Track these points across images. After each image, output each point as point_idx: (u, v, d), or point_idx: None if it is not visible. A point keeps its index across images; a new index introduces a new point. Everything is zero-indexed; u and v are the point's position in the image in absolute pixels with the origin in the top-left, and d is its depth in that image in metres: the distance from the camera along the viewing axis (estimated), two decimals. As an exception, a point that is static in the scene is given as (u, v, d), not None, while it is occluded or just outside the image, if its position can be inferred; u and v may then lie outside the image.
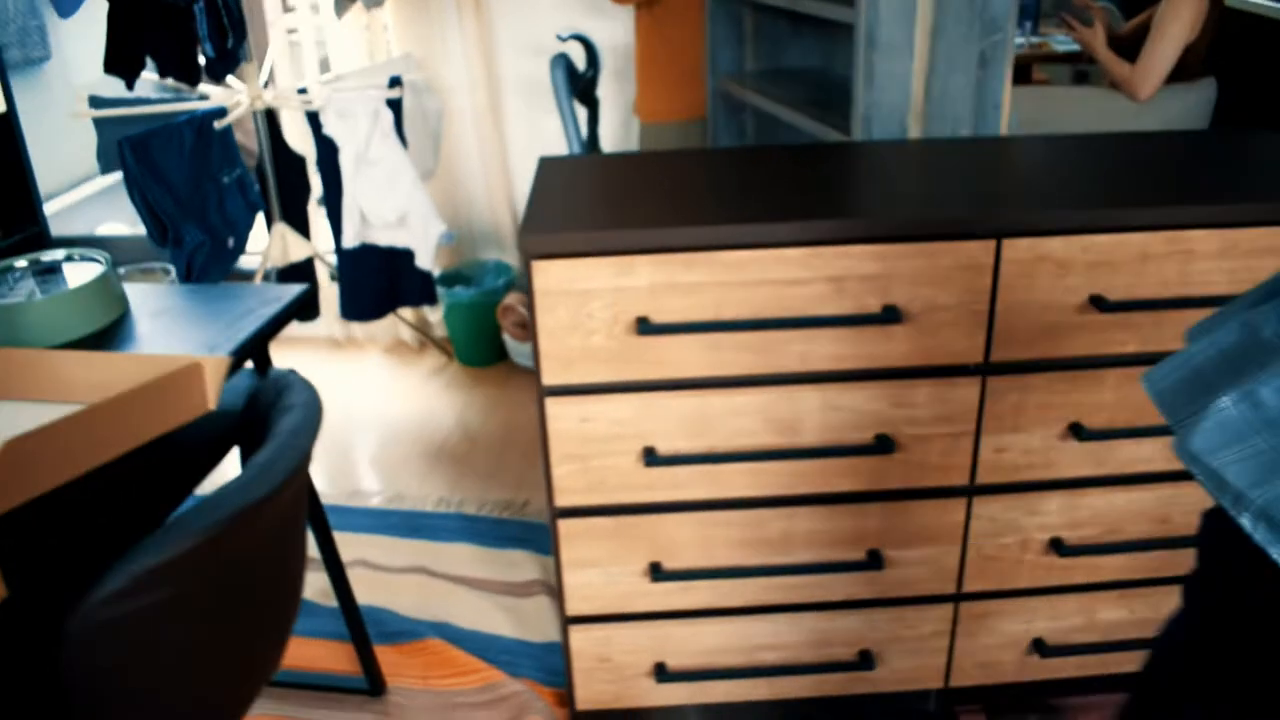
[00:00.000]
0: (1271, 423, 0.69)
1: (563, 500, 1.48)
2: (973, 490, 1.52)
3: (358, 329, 3.26)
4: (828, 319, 1.37)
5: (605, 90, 2.87)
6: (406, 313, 3.12)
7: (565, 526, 1.50)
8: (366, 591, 1.96)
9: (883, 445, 1.45)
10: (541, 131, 3.05)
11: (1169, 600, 1.63)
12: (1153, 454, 1.52)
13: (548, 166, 1.64)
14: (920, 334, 1.40)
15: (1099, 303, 1.38)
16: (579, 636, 1.60)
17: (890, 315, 1.36)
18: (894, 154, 1.73)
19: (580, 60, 2.61)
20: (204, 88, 2.70)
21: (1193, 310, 1.40)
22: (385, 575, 2.07)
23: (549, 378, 1.41)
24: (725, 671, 1.63)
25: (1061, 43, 3.58)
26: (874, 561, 1.53)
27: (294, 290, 1.55)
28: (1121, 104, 2.49)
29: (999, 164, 1.67)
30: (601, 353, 1.39)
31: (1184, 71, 2.47)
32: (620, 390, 1.42)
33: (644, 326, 1.35)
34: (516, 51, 3.03)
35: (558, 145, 2.74)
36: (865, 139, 1.82)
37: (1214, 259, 1.39)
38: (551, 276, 1.35)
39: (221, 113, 2.64)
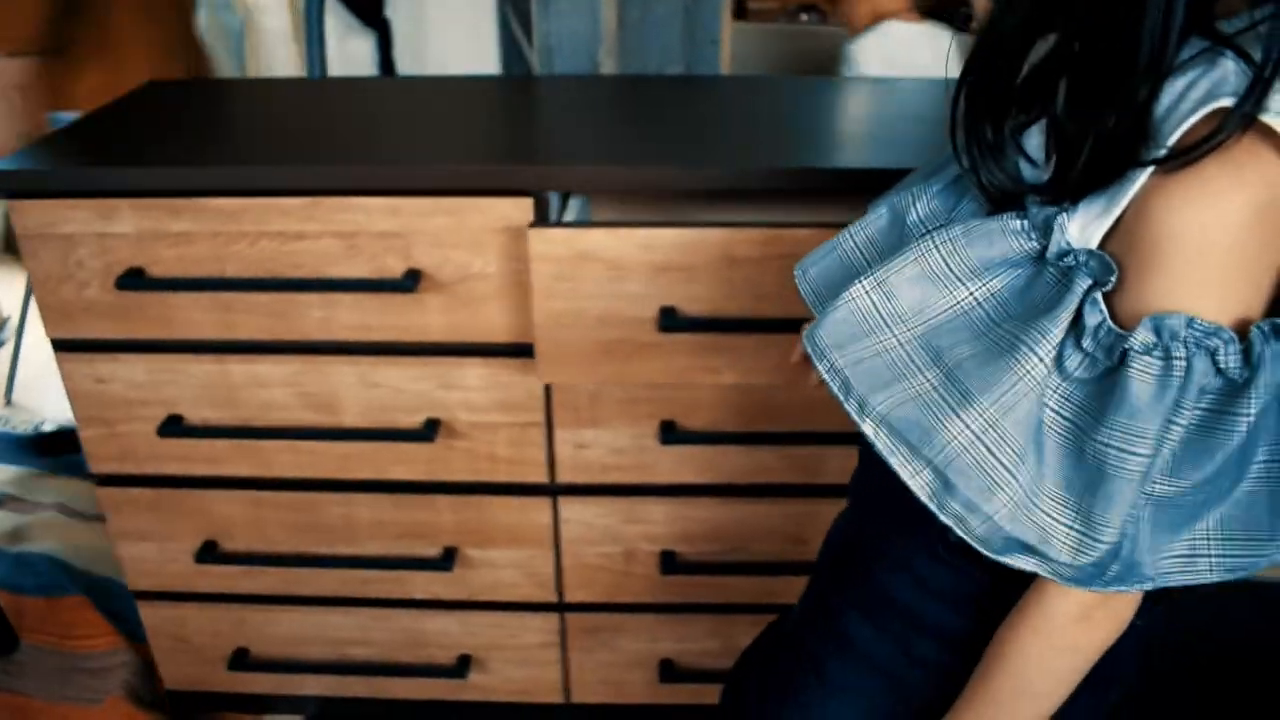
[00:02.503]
0: (901, 317, 0.64)
1: (97, 467, 1.33)
2: (555, 490, 1.31)
3: None
4: (342, 282, 1.18)
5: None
6: None
7: (105, 495, 1.36)
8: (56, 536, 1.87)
9: (432, 430, 1.25)
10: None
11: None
12: (773, 463, 1.28)
13: (147, 93, 1.46)
14: (459, 306, 1.19)
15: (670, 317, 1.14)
16: (150, 612, 1.46)
17: (411, 281, 1.15)
18: (518, 92, 1.49)
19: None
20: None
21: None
22: (74, 520, 1.96)
23: (54, 330, 1.25)
24: (311, 665, 1.47)
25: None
26: (447, 560, 1.34)
27: None
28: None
29: (633, 108, 1.40)
30: (101, 306, 1.22)
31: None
32: (130, 350, 1.25)
33: (130, 280, 1.18)
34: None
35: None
36: (546, 73, 1.58)
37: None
38: (30, 217, 1.18)
39: None
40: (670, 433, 1.24)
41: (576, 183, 1.13)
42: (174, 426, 1.27)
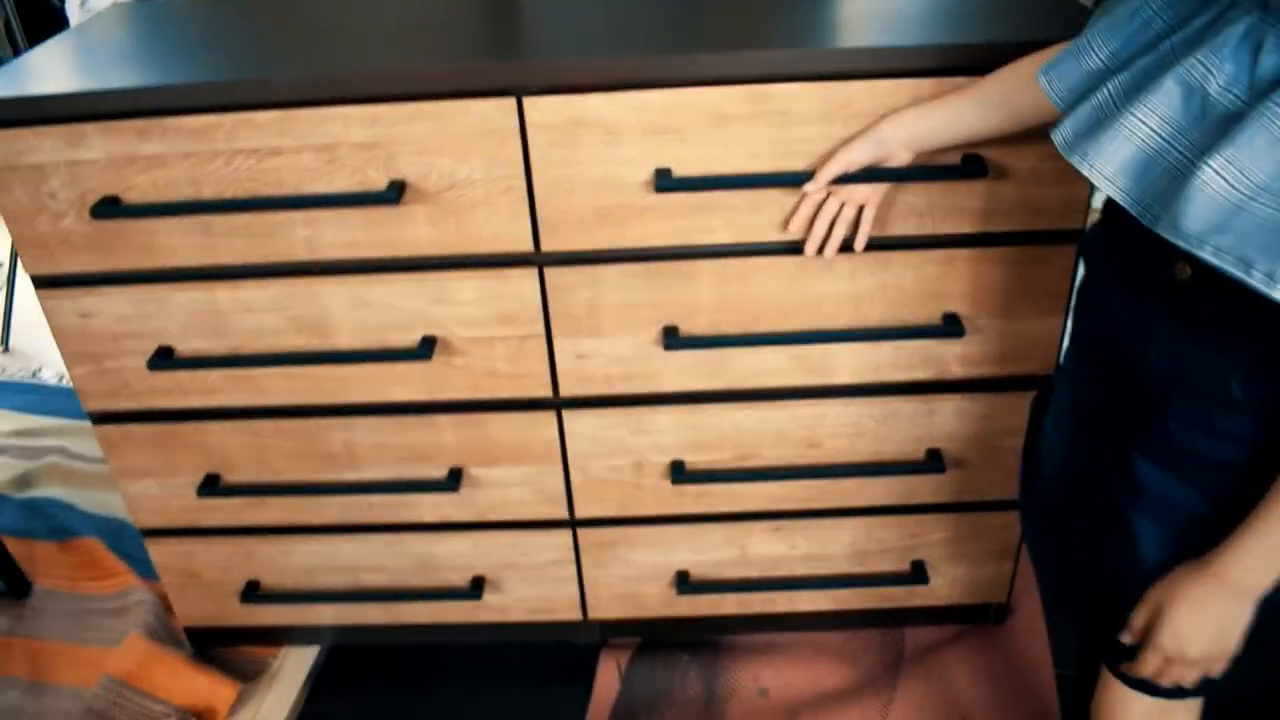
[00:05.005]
0: (1263, 187, 0.64)
1: (90, 404, 1.31)
2: (559, 404, 1.28)
3: None
4: (324, 198, 1.13)
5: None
6: None
7: (102, 433, 1.33)
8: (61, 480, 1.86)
9: (428, 347, 1.21)
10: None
11: (833, 534, 1.38)
12: (780, 365, 1.24)
13: (109, 14, 1.40)
14: (445, 216, 1.14)
15: (664, 180, 1.10)
16: (158, 550, 1.44)
17: (394, 193, 1.11)
18: None
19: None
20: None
21: (792, 191, 1.10)
22: (77, 464, 1.94)
23: (33, 267, 1.21)
24: (325, 594, 1.46)
25: None
26: (453, 481, 1.31)
27: None
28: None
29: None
30: (78, 238, 1.18)
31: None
32: (113, 282, 1.21)
33: (106, 208, 1.14)
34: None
35: None
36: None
37: (816, 122, 1.08)
38: (-3, 148, 1.13)
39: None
40: (673, 338, 1.20)
41: (563, 79, 1.07)
42: (164, 358, 1.24)
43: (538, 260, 1.17)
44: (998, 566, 1.42)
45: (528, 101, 1.07)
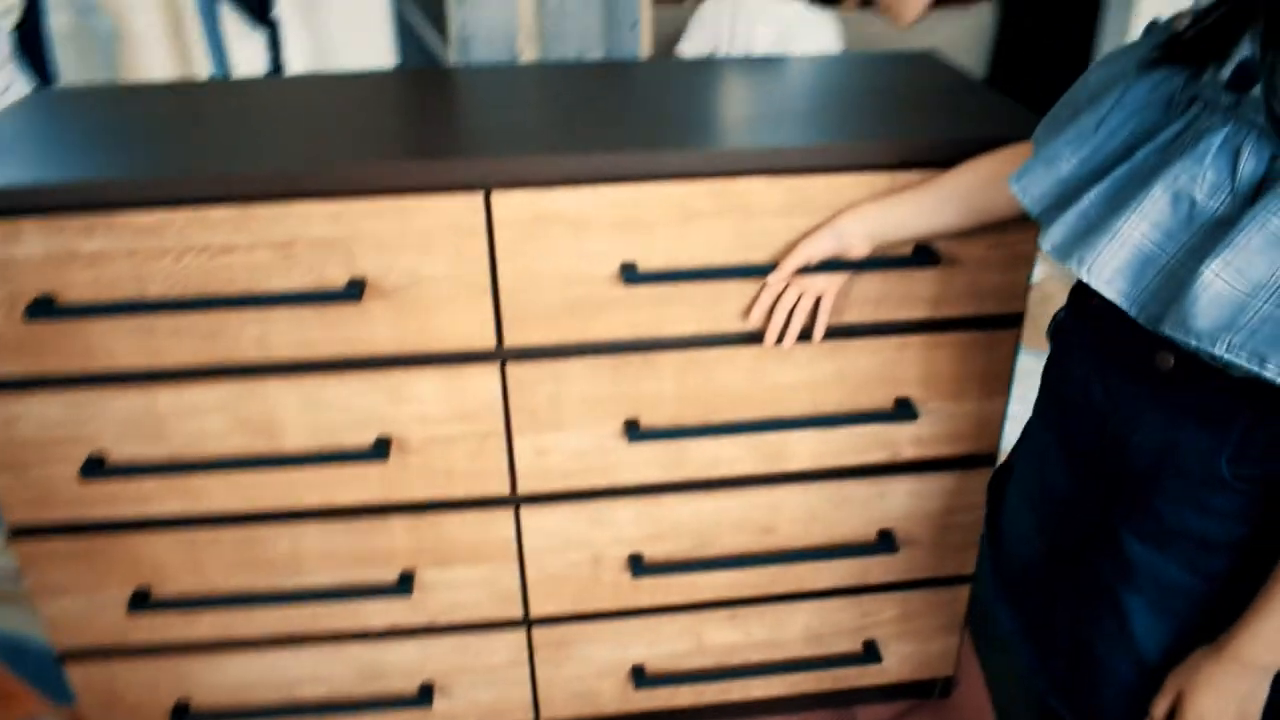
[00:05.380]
0: (1262, 284, 0.68)
1: (12, 516, 1.22)
2: (517, 500, 1.25)
3: None
4: (280, 296, 1.10)
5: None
6: None
7: (22, 549, 1.24)
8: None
9: (383, 449, 1.18)
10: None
11: (788, 618, 1.39)
12: (737, 454, 1.25)
13: (38, 100, 1.34)
14: (406, 313, 1.12)
15: (630, 273, 1.11)
16: (78, 672, 1.34)
17: (355, 290, 1.08)
18: (442, 85, 1.43)
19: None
20: None
21: (753, 281, 1.13)
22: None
23: (-49, 371, 1.13)
24: (262, 710, 1.37)
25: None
26: (405, 585, 1.27)
27: None
28: (882, 29, 2.18)
29: (557, 93, 1.35)
30: (6, 341, 1.11)
31: (958, -8, 2.17)
32: (43, 385, 1.14)
33: (41, 309, 1.07)
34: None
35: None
36: (463, 62, 1.52)
37: (779, 215, 1.11)
38: (-80, 247, 1.06)
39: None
40: (634, 431, 1.20)
41: (530, 175, 1.08)
42: (97, 468, 1.17)
43: (500, 355, 1.16)
44: (945, 640, 1.45)
45: (495, 197, 1.07)
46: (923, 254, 1.12)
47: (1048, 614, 0.98)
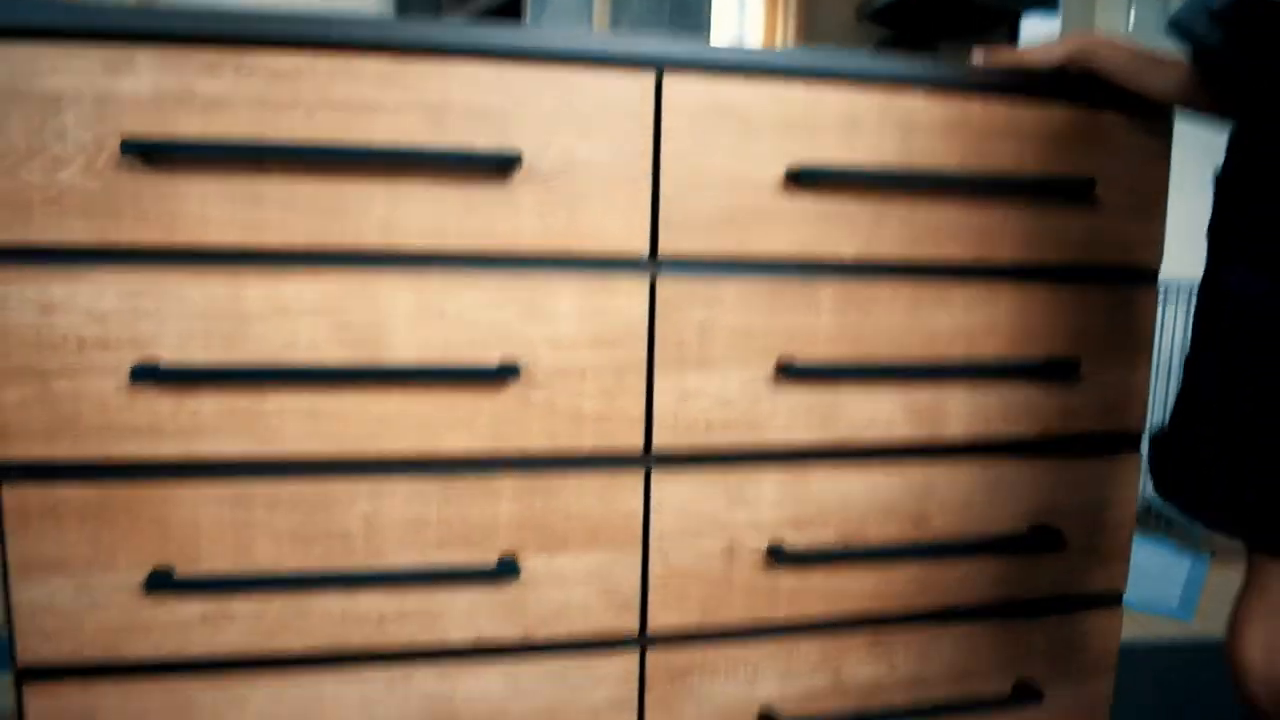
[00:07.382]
0: None
1: (10, 449, 0.94)
2: (650, 460, 1.06)
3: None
4: (425, 154, 0.95)
5: None
6: None
7: (12, 497, 0.94)
8: None
9: (509, 373, 0.99)
10: None
11: (932, 646, 1.18)
12: (892, 413, 1.11)
13: None
14: (555, 203, 0.99)
15: (806, 172, 1.02)
16: (41, 704, 0.98)
17: (505, 162, 0.96)
18: None
19: None
20: None
21: (916, 201, 1.06)
22: None
23: (-7, 236, 0.91)
24: (283, 771, 1.03)
25: None
26: (505, 571, 1.02)
27: None
28: None
29: None
30: (76, 196, 0.91)
31: None
32: (105, 259, 0.93)
33: (136, 145, 0.89)
34: None
35: None
36: None
37: (939, 135, 1.07)
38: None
39: None
40: (790, 369, 1.06)
41: (708, 58, 1.02)
42: (149, 374, 0.93)
43: (651, 267, 1.03)
44: (1103, 680, 1.25)
45: (668, 79, 1.00)
46: (1078, 190, 1.10)
47: None
